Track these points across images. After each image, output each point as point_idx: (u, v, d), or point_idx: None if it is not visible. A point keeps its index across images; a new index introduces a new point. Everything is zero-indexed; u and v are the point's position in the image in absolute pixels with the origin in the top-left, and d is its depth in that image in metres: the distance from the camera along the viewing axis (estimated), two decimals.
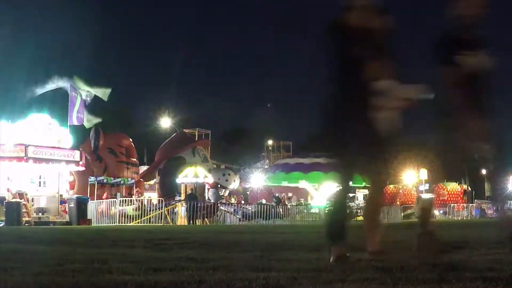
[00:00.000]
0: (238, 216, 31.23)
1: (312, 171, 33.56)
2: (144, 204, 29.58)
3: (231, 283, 3.56)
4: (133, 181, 33.78)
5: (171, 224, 28.24)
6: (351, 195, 45.97)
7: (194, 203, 28.03)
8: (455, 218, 38.22)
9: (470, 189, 47.40)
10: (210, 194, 33.45)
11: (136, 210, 28.42)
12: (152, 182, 38.54)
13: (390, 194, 40.85)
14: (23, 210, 24.28)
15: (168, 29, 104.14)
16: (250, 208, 32.17)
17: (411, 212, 39.14)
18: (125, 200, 29.06)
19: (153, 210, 29.57)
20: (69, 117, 28.98)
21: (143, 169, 39.29)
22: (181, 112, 53.65)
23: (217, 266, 4.49)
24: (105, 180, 31.73)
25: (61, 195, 27.94)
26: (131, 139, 36.90)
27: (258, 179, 40.66)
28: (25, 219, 24.16)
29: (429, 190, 6.67)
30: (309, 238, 9.13)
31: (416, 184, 46.31)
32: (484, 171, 62.12)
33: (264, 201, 37.04)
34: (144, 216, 28.30)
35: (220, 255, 5.69)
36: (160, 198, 31.72)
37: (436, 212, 40.55)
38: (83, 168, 29.25)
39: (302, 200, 39.93)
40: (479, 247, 6.04)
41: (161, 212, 29.21)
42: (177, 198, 32.28)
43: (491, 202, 45.86)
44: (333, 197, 4.80)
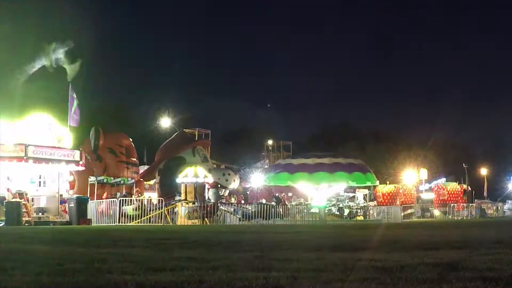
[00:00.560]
0: (238, 216, 31.22)
1: (317, 171, 33.49)
2: (144, 204, 29.57)
3: (231, 283, 3.56)
4: (133, 181, 33.76)
5: (171, 224, 28.25)
6: (351, 195, 45.94)
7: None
8: (455, 218, 38.18)
9: (470, 189, 47.36)
10: (210, 194, 33.44)
11: (136, 210, 28.41)
12: (152, 182, 38.48)
13: (390, 194, 40.80)
14: (23, 210, 24.27)
15: (168, 29, 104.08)
16: (250, 208, 32.17)
17: (411, 212, 39.12)
18: (125, 200, 29.05)
19: (153, 210, 29.57)
20: (69, 117, 28.95)
21: (143, 169, 39.24)
22: (181, 112, 53.69)
23: (217, 266, 4.49)
24: (105, 180, 31.69)
25: (61, 195, 27.92)
26: (131, 139, 36.88)
27: (258, 179, 40.65)
28: (25, 219, 24.16)
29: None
30: (309, 238, 9.12)
31: (416, 184, 46.26)
32: (484, 171, 61.98)
33: (264, 201, 37.02)
34: (144, 216, 28.31)
35: (220, 255, 5.69)
36: (160, 198, 31.71)
37: (436, 212, 40.52)
38: (83, 168, 29.22)
39: (302, 200, 39.93)
40: (479, 247, 6.04)
41: (161, 212, 29.21)
42: (177, 198, 32.24)
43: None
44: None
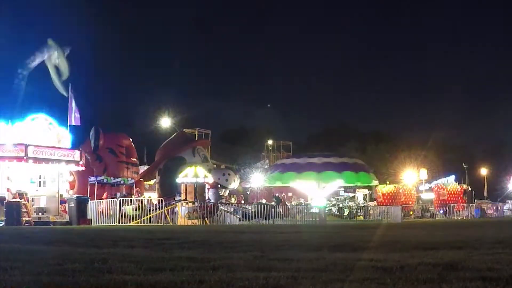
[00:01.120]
0: (238, 216, 31.21)
1: (325, 170, 33.43)
2: (144, 204, 29.56)
3: (231, 283, 3.56)
4: (133, 181, 33.75)
5: (171, 224, 28.25)
6: (351, 195, 45.95)
7: None
8: (455, 218, 38.18)
9: (470, 189, 47.37)
10: (210, 194, 33.44)
11: (136, 210, 28.41)
12: (152, 182, 38.49)
13: (390, 194, 40.81)
14: (23, 210, 24.26)
15: (168, 29, 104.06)
16: (250, 208, 32.16)
17: (411, 212, 39.14)
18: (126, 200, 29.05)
19: (153, 210, 29.57)
20: (69, 117, 28.94)
21: (143, 169, 39.24)
22: (181, 112, 53.68)
23: (217, 266, 4.49)
24: (105, 180, 31.68)
25: (61, 195, 27.89)
26: (131, 139, 36.88)
27: (258, 179, 40.65)
28: (25, 219, 24.15)
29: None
30: (309, 238, 9.12)
31: (416, 184, 46.28)
32: (484, 171, 61.95)
33: (264, 201, 37.01)
34: (144, 216, 28.31)
35: (220, 255, 5.69)
36: (160, 198, 31.71)
37: (436, 212, 40.54)
38: (83, 168, 29.21)
39: (302, 200, 39.93)
40: (479, 247, 6.04)
41: (161, 212, 29.21)
42: (177, 198, 32.24)
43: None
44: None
